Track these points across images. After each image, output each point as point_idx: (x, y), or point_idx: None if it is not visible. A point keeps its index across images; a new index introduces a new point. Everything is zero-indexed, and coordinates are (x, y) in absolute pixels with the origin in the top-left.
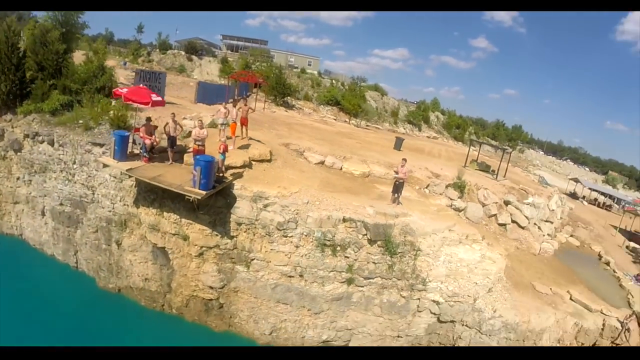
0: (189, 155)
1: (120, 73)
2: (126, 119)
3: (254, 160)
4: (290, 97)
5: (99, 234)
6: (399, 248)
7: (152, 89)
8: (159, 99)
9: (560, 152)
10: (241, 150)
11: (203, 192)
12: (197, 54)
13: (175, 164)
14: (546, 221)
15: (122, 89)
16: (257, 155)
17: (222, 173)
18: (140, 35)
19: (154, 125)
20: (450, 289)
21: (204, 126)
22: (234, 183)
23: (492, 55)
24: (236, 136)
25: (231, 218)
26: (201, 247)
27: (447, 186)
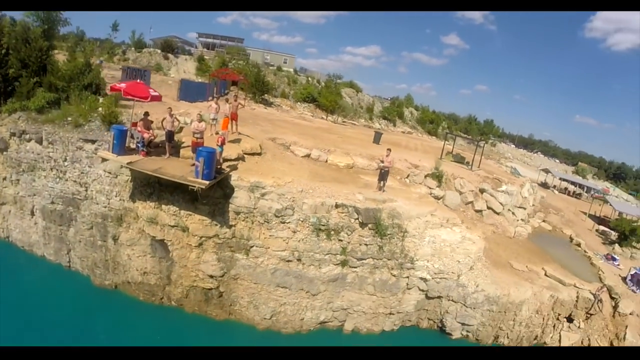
0: (185, 149)
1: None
2: (117, 115)
3: (246, 153)
4: (268, 95)
5: (94, 230)
6: (388, 230)
7: None
8: (157, 94)
9: (531, 145)
10: (234, 144)
11: (206, 182)
12: (173, 52)
13: (172, 157)
14: (519, 207)
15: (120, 83)
16: (248, 148)
17: (220, 165)
18: (115, 34)
19: (150, 120)
20: (436, 266)
21: (202, 120)
22: (230, 174)
23: (464, 52)
24: (227, 131)
25: (229, 208)
26: (201, 237)
27: (425, 176)
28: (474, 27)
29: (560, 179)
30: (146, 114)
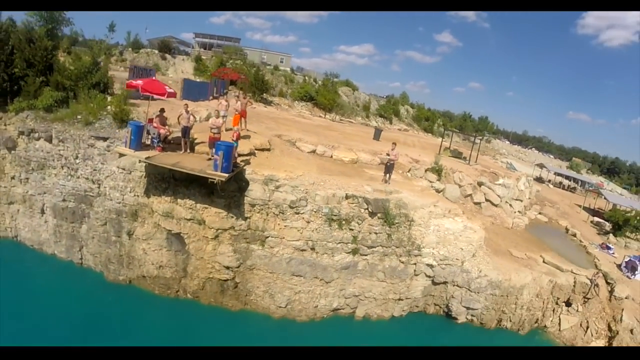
0: (199, 145)
1: None
2: (128, 113)
3: (257, 149)
4: (266, 94)
5: (107, 226)
6: (396, 219)
7: None
8: (172, 90)
9: (526, 142)
10: (245, 140)
11: (225, 175)
12: (171, 52)
13: (187, 153)
14: (516, 200)
15: (137, 80)
16: (258, 144)
17: (235, 159)
18: (112, 35)
19: (165, 116)
20: (442, 253)
21: (219, 116)
22: (245, 168)
23: (457, 50)
24: (238, 127)
25: (245, 200)
26: (217, 230)
27: (426, 170)
28: (467, 24)
29: (555, 173)
30: (162, 110)
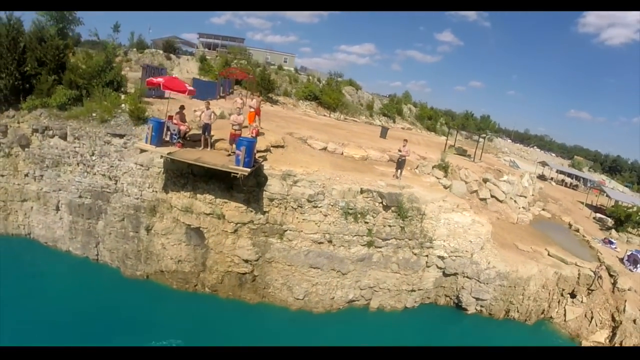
0: (219, 142)
1: None
2: (144, 110)
3: (272, 146)
4: (271, 93)
5: (125, 222)
6: (409, 213)
7: None
8: (192, 88)
9: (527, 140)
10: (260, 137)
11: (248, 170)
12: (175, 52)
13: (206, 149)
14: (520, 196)
15: (157, 78)
16: (273, 141)
17: (254, 155)
18: (117, 35)
19: (184, 113)
20: (452, 245)
21: (241, 112)
22: (262, 164)
23: (458, 49)
24: (253, 124)
25: (264, 195)
26: (236, 224)
27: (433, 167)
28: (468, 24)
29: (557, 171)
30: (181, 107)
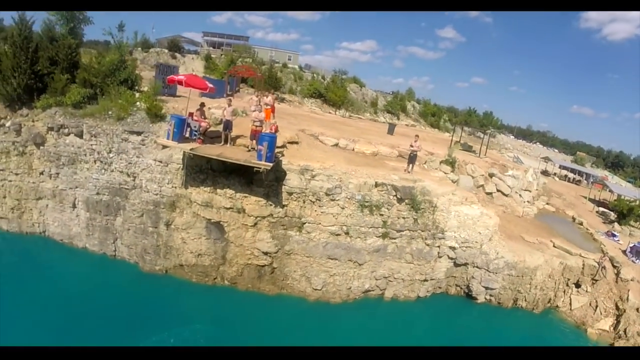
0: (239, 138)
1: None
2: (161, 108)
3: (287, 142)
4: (277, 91)
5: (144, 217)
6: (421, 205)
7: None
8: (212, 86)
9: (530, 136)
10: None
11: (270, 164)
12: (180, 51)
13: (226, 145)
14: (525, 190)
15: (178, 76)
16: (288, 137)
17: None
18: (122, 34)
19: (204, 110)
20: (462, 236)
21: (262, 110)
22: (281, 159)
23: (460, 45)
24: (269, 121)
25: (283, 189)
26: (256, 218)
27: (440, 162)
28: (470, 20)
29: (560, 166)
30: (202, 104)
